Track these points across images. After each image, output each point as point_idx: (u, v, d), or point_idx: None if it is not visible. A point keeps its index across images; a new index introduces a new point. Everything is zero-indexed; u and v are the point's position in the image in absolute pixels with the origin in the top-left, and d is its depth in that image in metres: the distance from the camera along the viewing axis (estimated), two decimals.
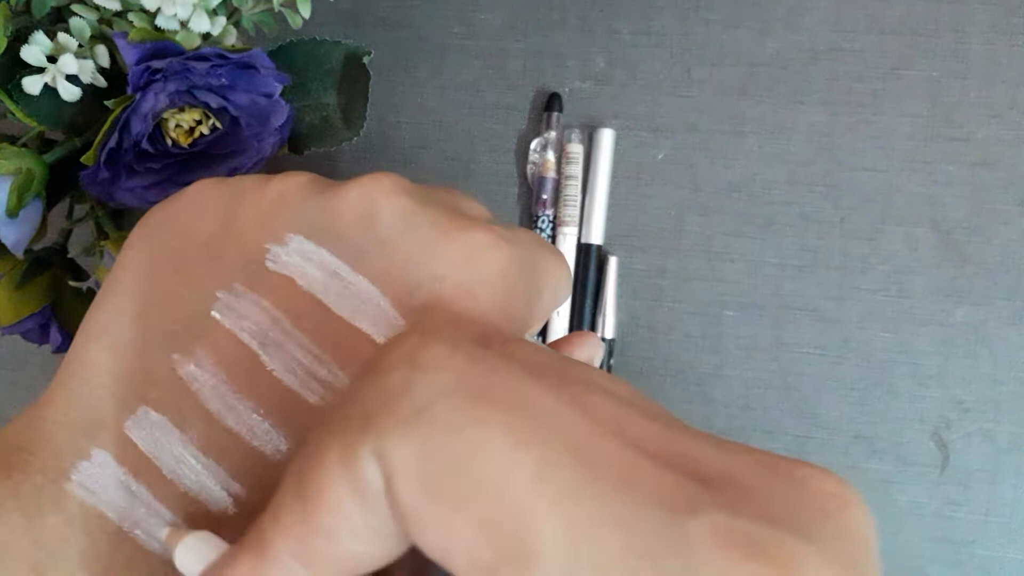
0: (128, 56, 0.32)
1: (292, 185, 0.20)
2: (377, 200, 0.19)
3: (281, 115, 0.36)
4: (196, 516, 0.18)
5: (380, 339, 0.18)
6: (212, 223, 0.20)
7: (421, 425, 0.14)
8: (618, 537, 0.12)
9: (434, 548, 0.13)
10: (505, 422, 0.13)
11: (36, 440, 0.18)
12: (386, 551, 0.15)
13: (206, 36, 0.34)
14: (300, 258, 0.19)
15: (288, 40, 0.38)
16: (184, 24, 0.33)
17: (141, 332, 0.19)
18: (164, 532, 0.17)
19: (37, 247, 0.37)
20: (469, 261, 0.18)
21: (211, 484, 0.18)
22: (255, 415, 0.18)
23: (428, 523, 0.13)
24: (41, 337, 0.38)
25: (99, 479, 0.18)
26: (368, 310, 0.18)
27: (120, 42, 0.32)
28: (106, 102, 0.33)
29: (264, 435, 0.18)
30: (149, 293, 0.19)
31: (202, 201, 0.20)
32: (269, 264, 0.19)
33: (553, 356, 0.16)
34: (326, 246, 0.19)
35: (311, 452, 0.15)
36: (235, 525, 0.17)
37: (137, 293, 0.19)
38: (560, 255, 0.21)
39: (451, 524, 0.13)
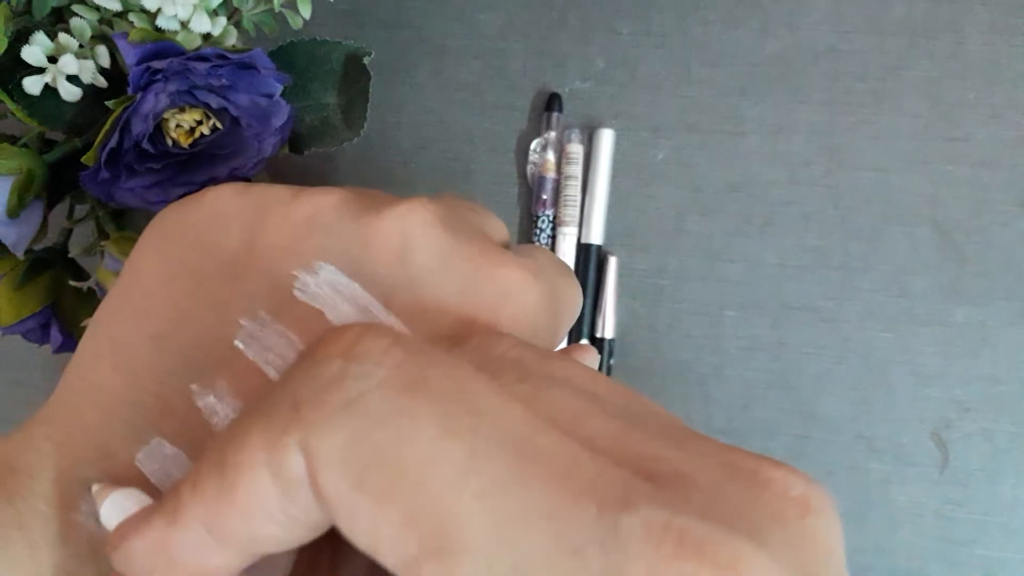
0: (129, 56, 0.32)
1: (323, 207, 0.19)
2: (413, 234, 0.18)
3: (281, 115, 0.36)
4: None
5: None
6: (235, 239, 0.19)
7: (350, 418, 0.13)
8: (545, 532, 0.12)
9: (362, 540, 0.13)
10: (436, 414, 0.13)
11: (37, 463, 0.17)
12: (301, 535, 0.14)
13: (206, 36, 0.34)
14: (330, 290, 0.18)
15: (288, 40, 0.38)
16: (184, 24, 0.33)
17: (156, 355, 0.18)
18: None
19: (38, 247, 0.37)
20: (501, 304, 0.18)
21: None
22: None
23: (354, 515, 0.13)
24: (42, 337, 0.38)
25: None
26: None
27: (121, 42, 0.32)
28: (107, 102, 0.33)
29: None
30: (166, 312, 0.18)
31: (223, 212, 0.19)
32: (297, 293, 0.18)
33: (530, 351, 0.16)
34: (357, 279, 0.18)
35: (235, 429, 0.14)
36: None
37: (152, 311, 0.18)
38: (575, 279, 0.21)
39: (377, 517, 0.13)
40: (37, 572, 0.16)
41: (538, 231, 0.43)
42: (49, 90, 0.33)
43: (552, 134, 0.44)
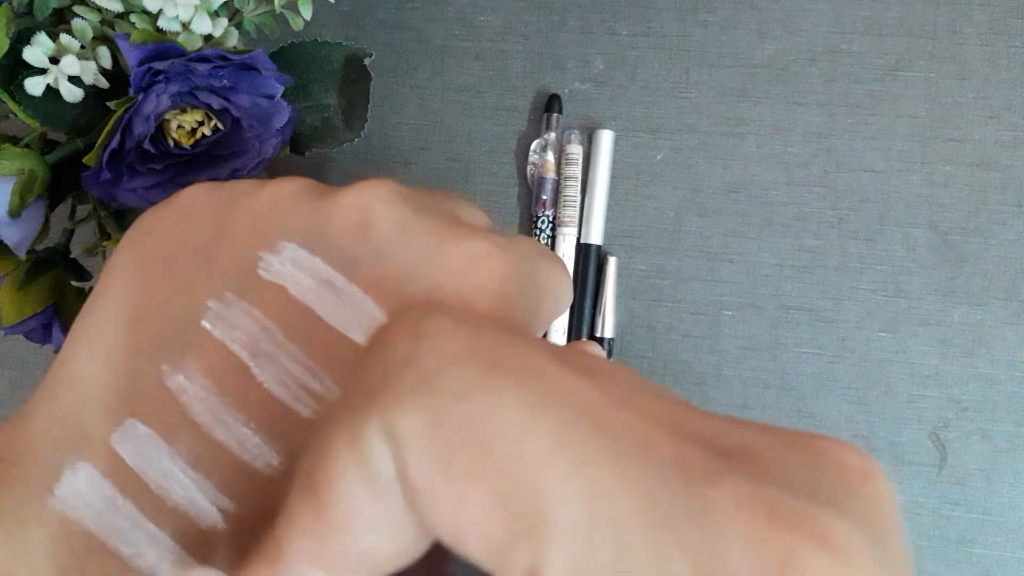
0: (130, 57, 0.32)
1: (286, 191, 0.19)
2: (372, 208, 0.18)
3: (283, 116, 0.36)
4: (185, 532, 0.17)
5: None
6: (204, 229, 0.19)
7: (429, 394, 0.13)
8: (638, 506, 0.12)
9: (448, 530, 0.13)
10: (518, 389, 0.13)
11: (18, 451, 0.17)
12: (407, 544, 0.14)
13: (208, 38, 0.34)
14: (293, 266, 0.18)
15: (289, 42, 0.38)
16: (186, 26, 0.33)
17: (129, 340, 0.18)
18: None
19: (39, 247, 0.37)
20: (467, 271, 0.18)
21: (200, 499, 0.17)
22: (245, 428, 0.17)
23: (441, 501, 0.13)
24: (44, 337, 0.38)
25: (84, 494, 0.17)
26: (362, 321, 0.17)
27: (122, 43, 0.32)
28: (108, 103, 0.33)
29: (255, 449, 0.17)
30: (138, 299, 0.19)
31: (195, 206, 0.20)
32: (261, 272, 0.18)
33: (555, 344, 0.16)
34: (320, 254, 0.18)
35: (319, 444, 0.14)
36: (225, 541, 0.17)
37: (126, 299, 0.19)
38: (561, 263, 0.21)
39: (464, 499, 0.12)
40: (12, 552, 0.16)
41: (538, 231, 0.44)
42: (51, 91, 0.33)
43: (552, 135, 0.44)
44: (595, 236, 0.44)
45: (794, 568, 0.11)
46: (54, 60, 0.33)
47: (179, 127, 0.34)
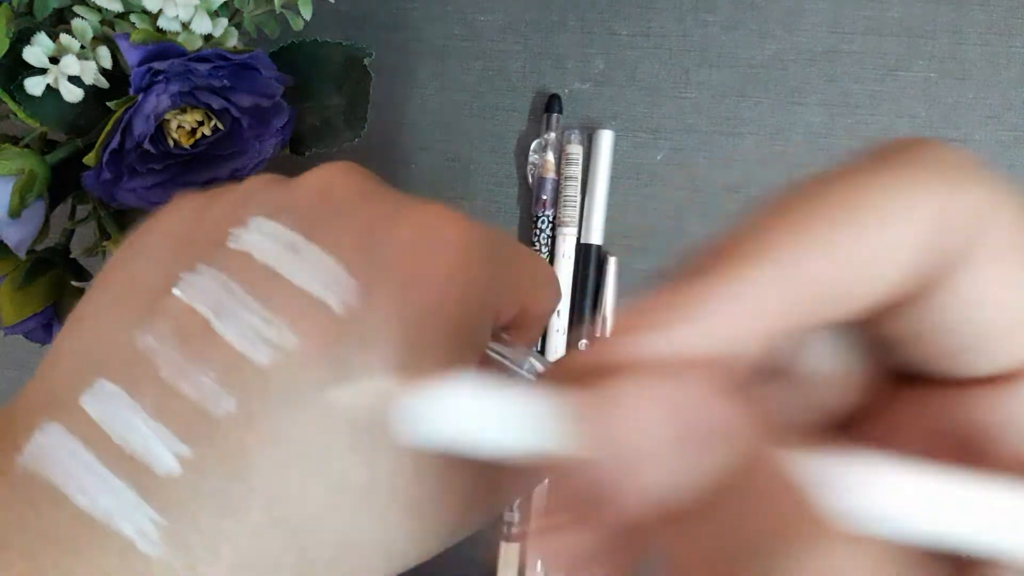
0: (130, 57, 0.32)
1: (258, 180, 0.21)
2: (334, 176, 0.20)
3: (282, 116, 0.36)
4: (141, 479, 0.18)
5: (331, 301, 0.19)
6: (185, 221, 0.21)
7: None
8: None
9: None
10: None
11: (2, 424, 0.19)
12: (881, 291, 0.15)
13: (208, 38, 0.34)
14: (258, 234, 0.20)
15: (289, 42, 0.38)
16: (186, 26, 0.33)
17: (108, 313, 0.20)
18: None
19: (39, 247, 0.37)
20: (428, 228, 0.19)
21: (158, 448, 0.18)
22: (204, 378, 0.18)
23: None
24: (44, 337, 0.38)
25: (48, 448, 0.18)
26: (320, 276, 0.19)
27: (122, 43, 0.32)
28: (108, 103, 0.33)
29: (213, 396, 0.18)
30: (119, 280, 0.20)
31: (179, 207, 0.22)
32: (231, 244, 0.20)
33: None
34: (282, 221, 0.20)
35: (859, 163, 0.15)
36: (181, 486, 0.18)
37: (109, 283, 0.20)
38: (539, 256, 0.22)
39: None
40: None
41: (538, 231, 0.44)
42: (51, 91, 0.33)
43: (552, 135, 0.44)
44: (595, 236, 0.43)
45: None
46: (54, 60, 0.33)
47: (179, 127, 0.34)
